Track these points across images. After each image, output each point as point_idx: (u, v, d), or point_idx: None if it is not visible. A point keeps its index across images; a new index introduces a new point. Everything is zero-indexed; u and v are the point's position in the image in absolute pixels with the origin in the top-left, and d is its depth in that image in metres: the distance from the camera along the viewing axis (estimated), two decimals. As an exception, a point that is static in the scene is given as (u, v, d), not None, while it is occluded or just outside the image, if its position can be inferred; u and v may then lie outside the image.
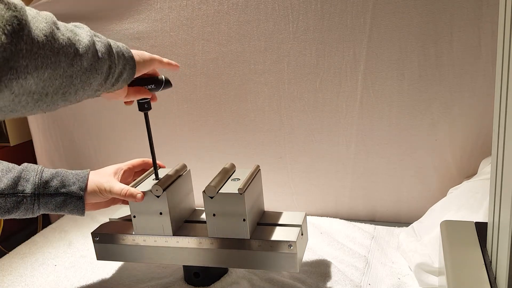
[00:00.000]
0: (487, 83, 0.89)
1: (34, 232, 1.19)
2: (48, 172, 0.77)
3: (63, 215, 1.16)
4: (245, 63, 1.02)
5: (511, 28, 0.50)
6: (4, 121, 1.19)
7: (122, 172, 0.81)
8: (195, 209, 0.87)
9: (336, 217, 1.05)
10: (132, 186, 0.77)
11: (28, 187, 0.75)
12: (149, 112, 1.17)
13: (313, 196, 1.09)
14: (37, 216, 1.25)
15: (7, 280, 0.91)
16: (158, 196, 0.76)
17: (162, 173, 0.82)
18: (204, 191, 0.73)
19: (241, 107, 1.06)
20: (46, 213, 0.78)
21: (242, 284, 0.81)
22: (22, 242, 1.06)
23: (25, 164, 0.78)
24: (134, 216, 0.78)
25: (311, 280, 0.81)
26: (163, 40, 1.05)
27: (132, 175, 0.85)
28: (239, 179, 0.76)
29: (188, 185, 0.85)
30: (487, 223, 0.66)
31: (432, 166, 0.98)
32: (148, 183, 0.78)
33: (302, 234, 0.76)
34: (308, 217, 0.99)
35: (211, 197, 0.73)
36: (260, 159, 1.08)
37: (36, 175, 0.76)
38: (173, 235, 0.77)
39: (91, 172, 0.79)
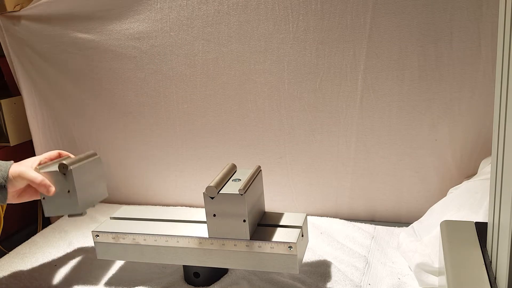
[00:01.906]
0: (487, 83, 0.89)
1: (34, 232, 1.19)
2: None
3: (62, 215, 1.15)
4: (245, 63, 1.02)
5: (511, 28, 0.50)
6: (4, 121, 1.19)
7: (38, 162, 0.84)
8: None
9: (336, 217, 1.05)
10: (39, 168, 0.81)
11: None
12: (150, 112, 1.17)
13: (313, 196, 1.09)
14: (38, 210, 1.26)
15: (7, 280, 0.91)
16: (64, 174, 0.80)
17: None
18: (204, 192, 0.73)
19: (241, 107, 1.06)
20: None
21: (242, 284, 0.81)
22: (22, 242, 1.06)
23: None
24: (44, 198, 0.81)
25: (311, 280, 0.81)
26: (163, 40, 1.05)
27: None
28: (240, 180, 0.76)
29: (98, 170, 0.89)
30: (487, 223, 0.66)
31: (432, 166, 0.98)
32: (56, 165, 0.82)
33: (302, 236, 0.76)
34: (308, 217, 0.99)
35: (212, 198, 0.73)
36: (260, 159, 1.08)
37: None
38: (83, 213, 0.82)
39: (14, 163, 0.82)
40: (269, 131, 1.06)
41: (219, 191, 0.73)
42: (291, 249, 0.71)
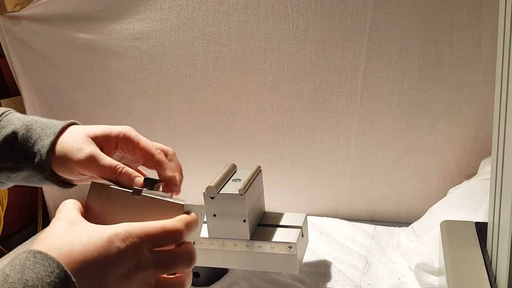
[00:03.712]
0: (487, 83, 0.89)
1: (34, 232, 1.19)
2: (1, 133, 0.51)
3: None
4: (245, 63, 1.02)
5: (511, 28, 0.50)
6: (4, 121, 1.19)
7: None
8: None
9: (336, 217, 1.05)
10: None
11: None
12: (149, 112, 1.17)
13: (313, 196, 1.09)
14: (38, 210, 1.26)
15: (7, 280, 0.90)
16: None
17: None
18: (204, 192, 0.73)
19: (241, 107, 1.06)
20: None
21: (242, 284, 0.81)
22: (22, 242, 1.06)
23: None
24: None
25: (311, 280, 0.81)
26: (163, 40, 1.05)
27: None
28: (240, 180, 0.76)
29: None
30: (487, 223, 0.66)
31: (432, 166, 0.98)
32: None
33: (302, 236, 0.76)
34: (308, 217, 0.99)
35: (212, 198, 0.73)
36: (260, 159, 1.08)
37: None
38: None
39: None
40: (269, 131, 1.06)
41: (219, 191, 0.73)
42: (291, 249, 0.71)
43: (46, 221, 1.26)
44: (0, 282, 0.33)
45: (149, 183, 0.47)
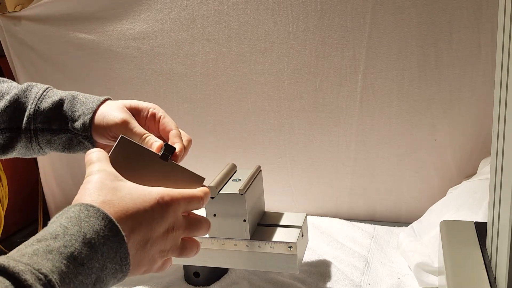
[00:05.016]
0: (487, 83, 0.89)
1: (34, 232, 1.19)
2: (49, 100, 0.60)
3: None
4: (245, 63, 1.02)
5: (511, 28, 0.51)
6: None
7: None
8: None
9: (336, 217, 1.05)
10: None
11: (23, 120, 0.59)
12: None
13: (313, 196, 1.09)
14: (38, 210, 1.26)
15: (7, 280, 0.91)
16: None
17: None
18: (204, 191, 0.73)
19: (241, 107, 1.06)
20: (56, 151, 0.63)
21: (242, 284, 0.81)
22: (23, 242, 1.06)
23: (28, 84, 0.63)
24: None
25: (311, 280, 0.81)
26: (163, 40, 1.05)
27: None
28: (240, 180, 0.76)
29: None
30: (486, 223, 0.66)
31: (432, 166, 0.98)
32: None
33: (302, 236, 0.76)
34: (308, 217, 0.99)
35: (212, 198, 0.73)
36: (260, 159, 1.08)
37: (33, 102, 0.59)
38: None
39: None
40: (269, 131, 1.06)
41: (219, 191, 0.73)
42: (291, 249, 0.72)
43: (46, 221, 1.26)
44: (61, 234, 0.38)
45: (168, 148, 0.52)
